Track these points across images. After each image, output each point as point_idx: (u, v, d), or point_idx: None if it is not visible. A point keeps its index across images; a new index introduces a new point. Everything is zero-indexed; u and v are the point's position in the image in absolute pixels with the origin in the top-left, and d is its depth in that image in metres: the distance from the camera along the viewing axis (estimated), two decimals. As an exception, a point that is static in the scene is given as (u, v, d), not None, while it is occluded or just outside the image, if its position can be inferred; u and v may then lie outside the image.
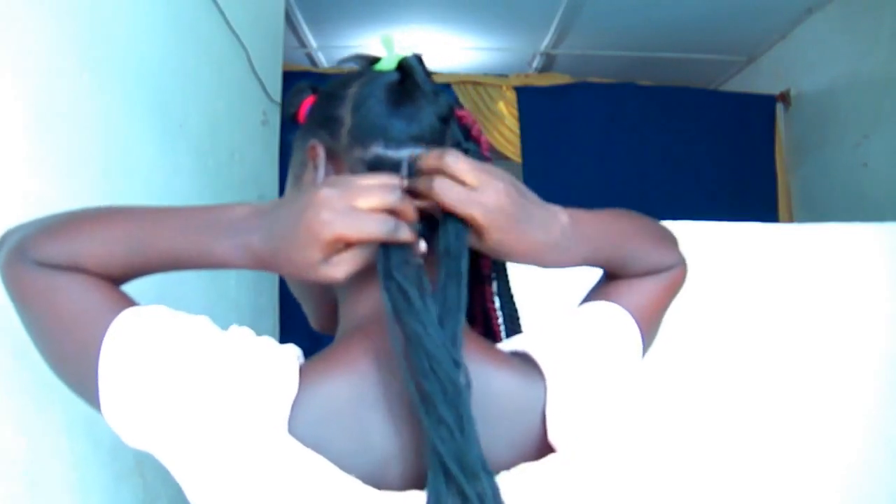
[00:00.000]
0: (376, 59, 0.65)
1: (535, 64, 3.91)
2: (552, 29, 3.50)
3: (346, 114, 0.61)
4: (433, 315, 0.51)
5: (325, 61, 3.85)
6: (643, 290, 0.69)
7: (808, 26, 3.35)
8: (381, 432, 0.53)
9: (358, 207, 0.53)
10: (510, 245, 0.58)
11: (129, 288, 0.60)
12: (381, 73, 0.63)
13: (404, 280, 0.53)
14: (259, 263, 0.55)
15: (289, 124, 0.69)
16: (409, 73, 0.61)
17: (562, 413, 0.56)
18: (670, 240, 0.73)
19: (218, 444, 0.50)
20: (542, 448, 0.55)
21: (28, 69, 0.91)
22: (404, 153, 0.60)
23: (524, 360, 0.59)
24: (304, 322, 0.73)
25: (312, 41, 3.64)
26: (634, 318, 0.66)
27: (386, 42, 0.63)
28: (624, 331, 0.65)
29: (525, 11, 3.33)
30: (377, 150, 0.60)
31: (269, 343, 0.54)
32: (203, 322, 0.55)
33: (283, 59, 2.44)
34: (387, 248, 0.54)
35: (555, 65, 3.94)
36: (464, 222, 0.56)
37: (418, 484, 0.52)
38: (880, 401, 1.68)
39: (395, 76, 0.62)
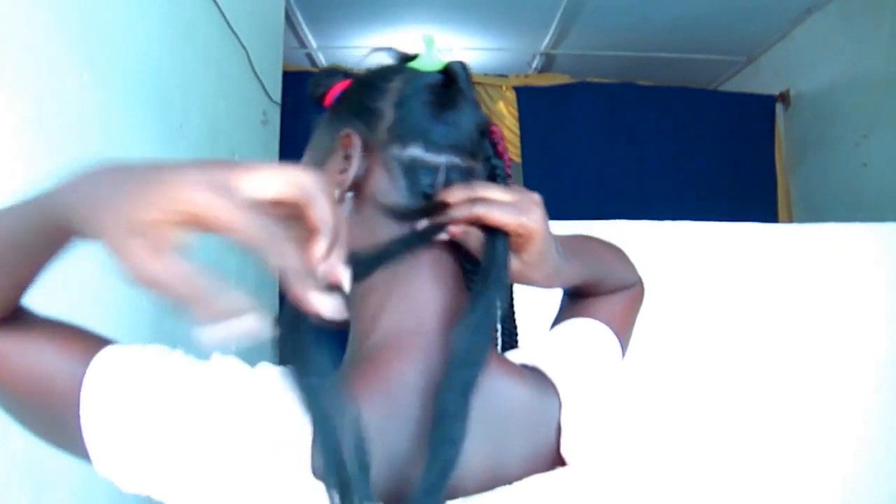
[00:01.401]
0: (411, 57, 0.63)
1: (535, 64, 3.91)
2: (552, 29, 3.50)
3: (387, 108, 0.59)
4: None
5: (325, 61, 3.85)
6: (614, 306, 0.71)
7: (808, 26, 3.35)
8: (405, 459, 0.51)
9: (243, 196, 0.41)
10: (544, 259, 0.58)
11: (129, 290, 0.59)
12: (423, 72, 0.61)
13: None
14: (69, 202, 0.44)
15: (311, 104, 0.67)
16: (455, 78, 0.60)
17: (575, 427, 0.56)
18: (629, 260, 0.76)
19: (236, 492, 0.47)
20: (554, 461, 0.56)
21: (28, 69, 0.91)
22: (442, 159, 0.58)
23: (535, 375, 0.59)
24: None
25: (312, 41, 3.64)
26: (613, 330, 0.68)
27: (427, 41, 0.62)
28: (609, 344, 0.67)
29: (525, 11, 3.34)
30: (416, 151, 0.58)
31: (270, 376, 0.50)
32: (182, 357, 0.51)
33: (283, 59, 2.44)
34: None
35: (555, 65, 3.94)
36: (507, 237, 0.56)
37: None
38: (880, 400, 1.68)
39: (439, 78, 0.60)
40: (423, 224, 0.56)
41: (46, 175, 0.50)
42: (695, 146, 3.44)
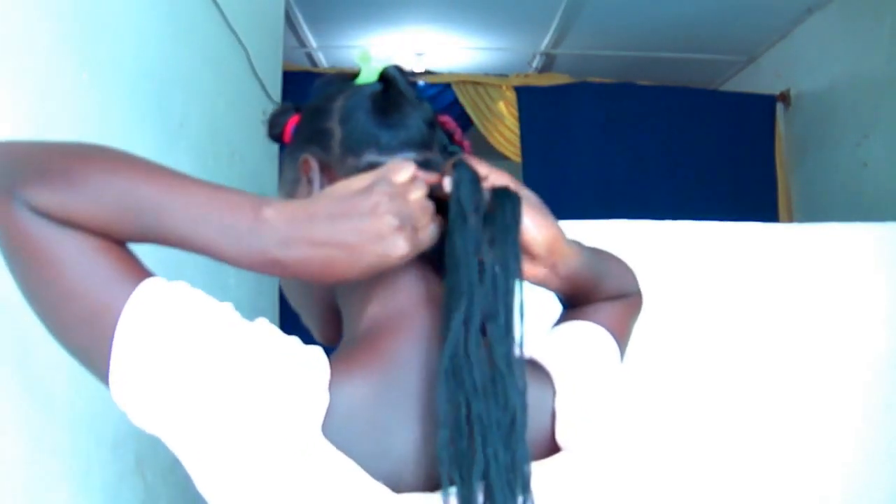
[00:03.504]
0: (354, 75, 0.66)
1: (535, 64, 3.91)
2: (552, 29, 3.50)
3: (335, 126, 0.63)
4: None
5: (325, 61, 3.85)
6: (613, 311, 0.72)
7: (808, 26, 3.35)
8: (398, 433, 0.54)
9: (414, 218, 0.54)
10: (546, 225, 0.61)
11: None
12: (363, 85, 0.64)
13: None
14: (283, 271, 0.53)
15: (275, 144, 0.70)
16: (392, 82, 0.63)
17: (570, 414, 0.58)
18: (632, 272, 0.78)
19: (247, 441, 0.49)
20: (550, 448, 0.58)
21: (28, 69, 0.91)
22: (398, 159, 0.61)
23: (531, 365, 0.60)
24: (305, 326, 0.73)
25: (312, 41, 3.64)
26: (611, 334, 0.69)
27: (363, 58, 0.65)
28: (607, 344, 0.68)
29: (525, 11, 3.34)
30: (371, 157, 0.61)
31: (299, 343, 0.53)
32: (231, 310, 0.53)
33: (283, 59, 2.44)
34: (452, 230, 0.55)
35: (555, 65, 3.94)
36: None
37: (437, 483, 0.53)
38: (879, 400, 1.68)
39: (378, 87, 0.64)
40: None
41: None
42: (695, 146, 3.44)
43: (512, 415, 0.50)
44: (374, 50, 0.66)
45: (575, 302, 0.73)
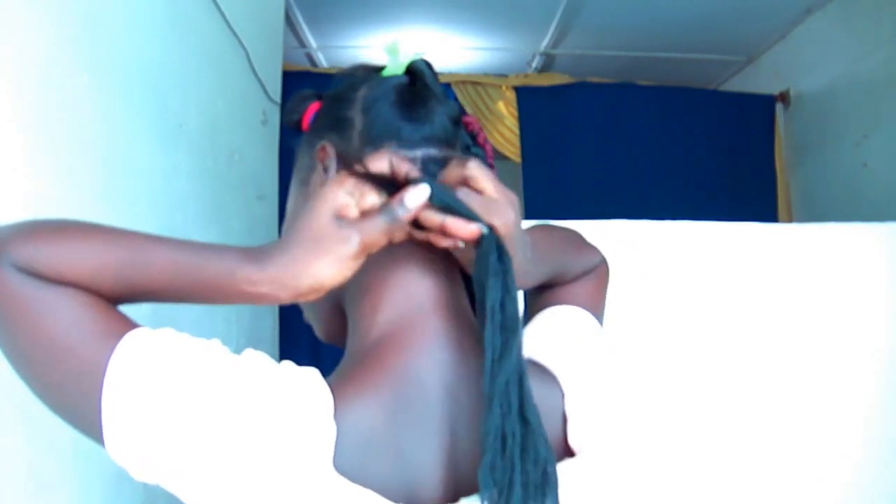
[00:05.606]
0: (380, 68, 0.65)
1: (534, 64, 3.91)
2: (552, 29, 3.50)
3: (356, 115, 0.61)
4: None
5: (325, 61, 3.85)
6: (583, 290, 0.71)
7: (808, 26, 3.35)
8: (415, 452, 0.52)
9: (365, 207, 0.53)
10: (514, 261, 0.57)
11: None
12: (389, 76, 0.62)
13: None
14: (256, 282, 0.52)
15: (290, 131, 0.68)
16: (419, 76, 0.61)
17: (580, 416, 0.57)
18: (587, 243, 0.76)
19: (256, 484, 0.47)
20: (561, 452, 0.56)
21: (28, 69, 0.91)
22: (418, 153, 0.59)
23: (535, 367, 0.59)
24: (304, 328, 0.72)
25: (312, 41, 3.64)
26: (591, 313, 0.69)
27: (391, 50, 0.63)
28: (592, 328, 0.67)
29: (525, 11, 3.33)
30: (390, 150, 0.59)
31: (295, 371, 0.51)
32: (218, 348, 0.52)
33: (283, 59, 2.44)
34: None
35: (554, 65, 3.94)
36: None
37: (455, 495, 0.52)
38: (880, 401, 1.68)
39: (404, 79, 0.62)
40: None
41: (47, 177, 0.50)
42: (695, 146, 3.44)
43: (543, 468, 0.48)
44: (376, 51, 0.65)
45: (539, 286, 0.71)
